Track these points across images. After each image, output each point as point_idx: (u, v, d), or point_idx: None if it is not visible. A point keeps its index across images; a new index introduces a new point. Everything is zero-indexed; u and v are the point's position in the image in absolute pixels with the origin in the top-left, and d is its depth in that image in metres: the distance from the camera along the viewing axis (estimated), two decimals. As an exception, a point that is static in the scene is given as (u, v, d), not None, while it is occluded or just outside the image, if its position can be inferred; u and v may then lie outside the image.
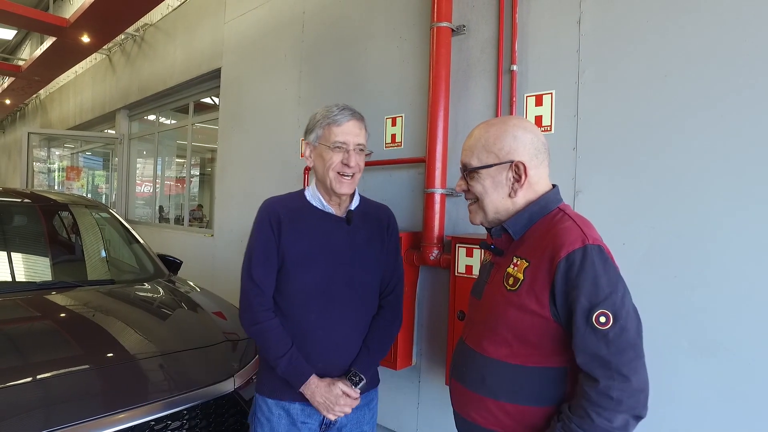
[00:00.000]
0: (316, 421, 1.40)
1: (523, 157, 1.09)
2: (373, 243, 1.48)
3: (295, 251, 1.38)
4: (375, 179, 2.98)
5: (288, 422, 1.39)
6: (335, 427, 1.43)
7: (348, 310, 1.41)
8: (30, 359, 1.65)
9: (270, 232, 1.39)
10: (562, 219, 1.07)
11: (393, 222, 1.56)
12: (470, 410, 1.13)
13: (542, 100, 2.26)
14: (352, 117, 1.41)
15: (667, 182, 1.89)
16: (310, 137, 1.44)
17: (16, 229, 2.65)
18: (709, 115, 1.81)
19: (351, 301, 1.41)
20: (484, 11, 2.50)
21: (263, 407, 1.41)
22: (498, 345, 1.08)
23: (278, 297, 1.40)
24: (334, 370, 1.40)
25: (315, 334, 1.38)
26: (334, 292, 1.39)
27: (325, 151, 1.39)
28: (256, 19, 4.12)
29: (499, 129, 1.12)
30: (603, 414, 0.93)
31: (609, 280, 0.97)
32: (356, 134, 1.41)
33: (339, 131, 1.38)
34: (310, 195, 1.47)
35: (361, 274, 1.44)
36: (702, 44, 1.83)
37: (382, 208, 1.58)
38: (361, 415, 1.47)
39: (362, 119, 1.45)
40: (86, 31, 5.80)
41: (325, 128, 1.40)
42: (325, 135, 1.40)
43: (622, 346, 0.94)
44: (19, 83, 8.97)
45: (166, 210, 6.81)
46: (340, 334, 1.40)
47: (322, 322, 1.38)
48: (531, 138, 1.11)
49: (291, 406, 1.39)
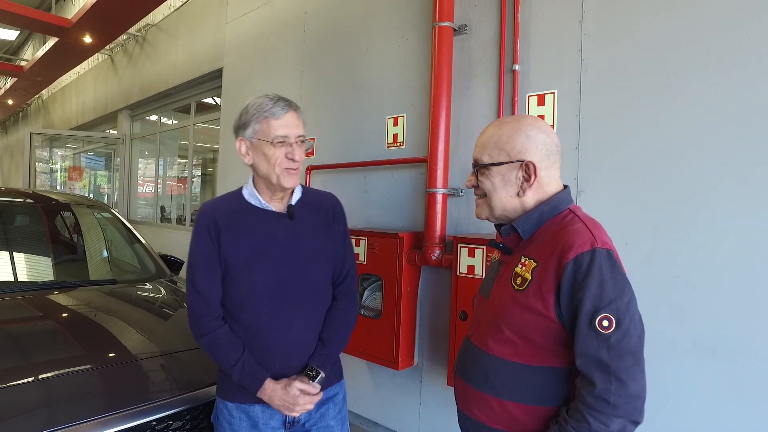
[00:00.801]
0: (278, 421, 1.37)
1: (534, 157, 1.09)
2: (320, 234, 1.42)
3: (238, 255, 1.34)
4: (377, 179, 2.98)
5: (249, 425, 1.36)
6: (299, 425, 1.40)
7: (301, 307, 1.36)
8: (32, 359, 1.65)
9: (209, 239, 1.34)
10: (572, 221, 1.07)
11: (339, 209, 1.49)
12: (473, 408, 1.13)
13: (544, 100, 2.25)
14: (290, 108, 1.34)
15: (670, 182, 1.89)
16: (246, 133, 1.35)
17: (18, 229, 2.65)
18: (713, 115, 1.80)
19: (303, 297, 1.37)
20: (485, 11, 2.49)
21: (224, 411, 1.39)
22: (503, 344, 1.08)
23: (227, 302, 1.36)
24: (292, 370, 1.36)
25: (269, 335, 1.34)
26: (284, 291, 1.35)
27: (266, 147, 1.31)
28: (258, 19, 4.12)
29: (513, 127, 1.11)
30: (600, 418, 0.93)
31: (615, 285, 0.97)
32: (296, 125, 1.34)
33: (278, 125, 1.31)
34: (248, 194, 1.40)
35: (311, 268, 1.39)
36: (705, 43, 1.83)
37: (326, 197, 1.51)
38: (325, 410, 1.43)
39: (299, 109, 1.38)
40: (88, 32, 5.81)
41: (263, 122, 1.31)
42: (263, 130, 1.32)
43: (623, 351, 0.94)
44: (21, 84, 8.99)
45: (167, 210, 6.81)
46: (294, 332, 1.35)
47: (276, 322, 1.34)
48: (544, 138, 1.10)
49: (251, 408, 1.36)
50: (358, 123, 3.08)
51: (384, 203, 2.93)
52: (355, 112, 3.11)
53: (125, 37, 6.65)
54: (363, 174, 3.05)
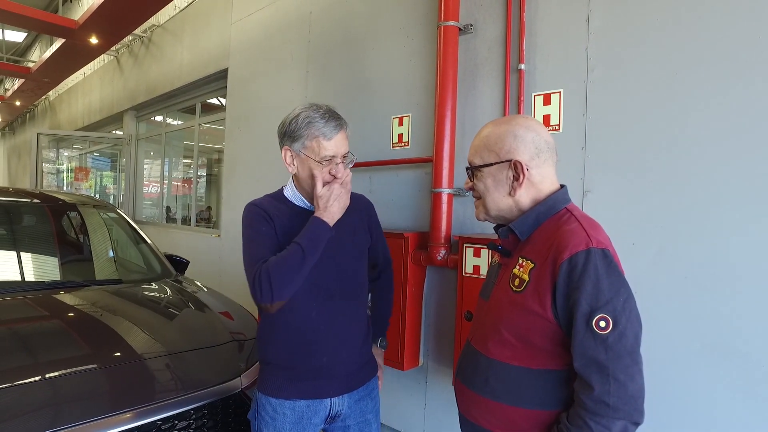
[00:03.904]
0: (321, 418, 1.42)
1: (523, 156, 1.09)
2: (357, 233, 1.50)
3: None
4: (382, 179, 2.97)
5: (293, 420, 1.39)
6: (340, 419, 1.45)
7: (343, 301, 1.42)
8: (38, 358, 1.65)
9: (268, 225, 1.38)
10: (569, 220, 1.06)
11: (371, 209, 1.61)
12: (474, 412, 1.12)
13: (550, 99, 2.24)
14: (340, 128, 1.38)
15: (678, 181, 1.87)
16: (294, 145, 1.38)
17: (25, 229, 2.67)
18: (722, 114, 1.78)
19: (344, 292, 1.43)
20: (491, 10, 2.48)
21: (267, 406, 1.41)
22: (502, 346, 1.08)
23: None
24: (338, 362, 1.41)
25: (317, 329, 1.38)
26: (329, 288, 1.40)
27: (313, 165, 1.36)
28: (263, 20, 4.13)
29: (502, 128, 1.13)
30: (601, 422, 0.92)
31: (611, 285, 0.96)
32: (344, 145, 1.39)
33: (329, 146, 1.35)
34: (290, 195, 1.46)
35: (351, 266, 1.46)
36: (713, 41, 1.81)
37: (360, 198, 1.59)
38: (364, 405, 1.48)
39: (346, 126, 1.42)
40: (95, 33, 5.85)
41: (314, 141, 1.35)
42: (313, 147, 1.35)
43: (621, 351, 0.93)
44: (28, 85, 9.06)
45: (173, 210, 6.84)
46: (339, 326, 1.41)
47: (322, 317, 1.39)
48: (532, 137, 1.10)
49: (296, 404, 1.39)
50: (363, 123, 3.08)
51: (389, 203, 2.92)
52: (360, 112, 3.11)
53: (131, 38, 6.68)
54: (368, 174, 3.05)
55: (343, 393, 1.43)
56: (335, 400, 1.42)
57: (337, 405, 1.42)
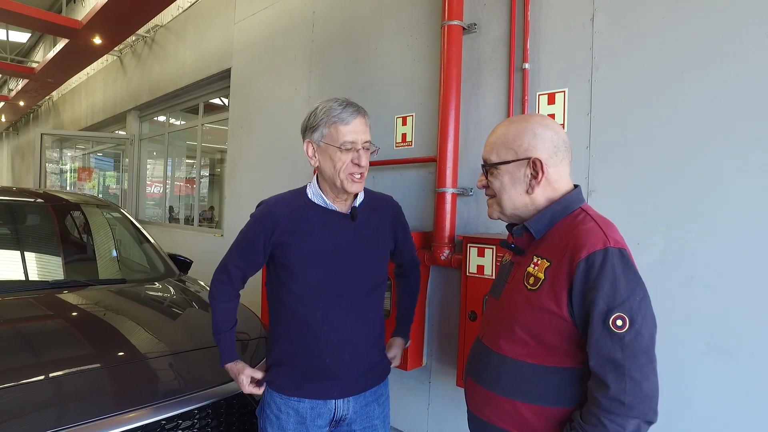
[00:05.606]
0: (325, 420, 1.40)
1: (542, 154, 1.09)
2: (380, 236, 1.47)
3: (300, 250, 1.37)
4: (385, 179, 2.97)
5: (297, 421, 1.38)
6: (345, 423, 1.43)
7: (353, 306, 1.40)
8: (42, 357, 1.65)
9: (260, 231, 1.38)
10: (584, 220, 1.06)
11: (399, 212, 1.58)
12: (485, 409, 1.12)
13: (555, 99, 2.23)
14: (358, 113, 1.36)
15: (684, 181, 1.86)
16: (314, 136, 1.37)
17: (29, 229, 2.67)
18: (727, 112, 1.77)
19: (356, 297, 1.40)
20: (495, 9, 2.48)
21: (272, 405, 1.41)
22: (515, 344, 1.07)
23: (288, 297, 1.39)
24: (341, 365, 1.38)
25: (321, 330, 1.37)
26: (339, 290, 1.38)
27: (333, 153, 1.34)
28: (266, 20, 4.13)
29: (520, 126, 1.12)
30: (616, 420, 0.92)
31: (628, 284, 0.96)
32: (364, 131, 1.37)
33: (347, 131, 1.33)
34: (312, 194, 1.43)
35: (367, 269, 1.43)
36: (720, 41, 1.80)
37: (387, 200, 1.56)
38: (371, 410, 1.46)
39: (366, 114, 1.41)
40: (98, 33, 5.86)
41: (331, 127, 1.34)
42: (332, 134, 1.34)
43: (636, 350, 0.94)
44: (32, 85, 9.08)
45: (176, 210, 6.85)
46: (345, 329, 1.39)
47: (328, 318, 1.37)
48: (551, 135, 1.10)
49: (300, 404, 1.38)
50: (366, 122, 3.07)
51: (392, 203, 2.91)
52: (364, 112, 3.10)
53: (134, 39, 6.70)
54: (371, 174, 3.04)
55: (348, 396, 1.41)
56: (340, 403, 1.40)
57: (342, 408, 1.41)
